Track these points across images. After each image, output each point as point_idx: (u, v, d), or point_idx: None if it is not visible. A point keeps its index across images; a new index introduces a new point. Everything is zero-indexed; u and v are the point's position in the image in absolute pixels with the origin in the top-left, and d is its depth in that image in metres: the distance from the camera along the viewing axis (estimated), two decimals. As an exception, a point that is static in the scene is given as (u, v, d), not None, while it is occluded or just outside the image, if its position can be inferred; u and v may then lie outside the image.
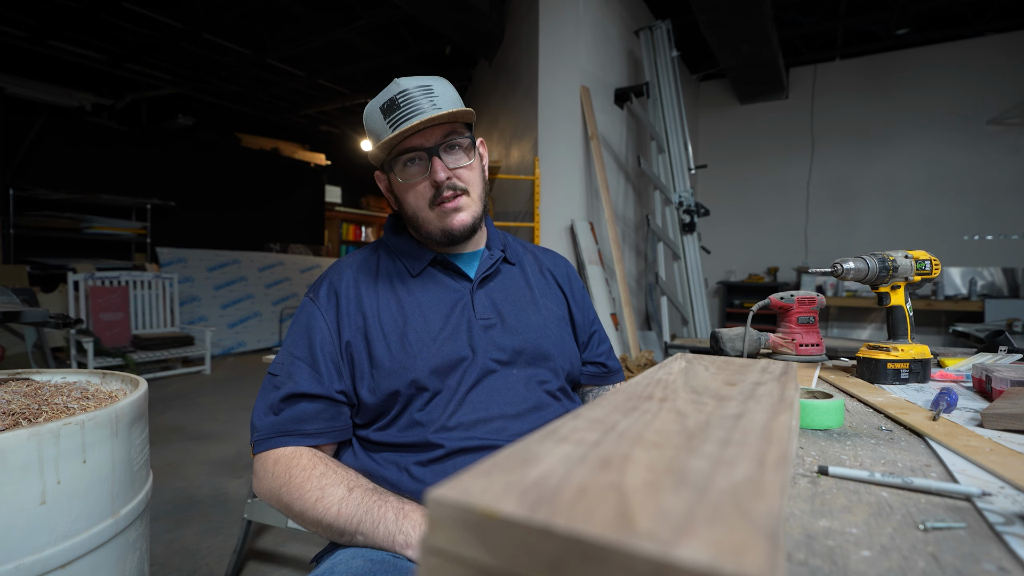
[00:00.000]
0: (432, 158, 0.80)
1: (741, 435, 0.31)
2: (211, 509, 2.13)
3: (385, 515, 0.68)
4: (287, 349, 0.82)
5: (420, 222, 0.84)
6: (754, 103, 6.31)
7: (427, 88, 0.80)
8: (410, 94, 0.79)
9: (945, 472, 0.50)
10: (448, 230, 0.83)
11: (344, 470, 0.75)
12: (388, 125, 0.79)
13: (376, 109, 0.81)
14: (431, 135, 0.80)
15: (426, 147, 0.80)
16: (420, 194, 0.82)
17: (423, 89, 0.80)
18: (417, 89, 0.79)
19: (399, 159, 0.81)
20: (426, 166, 0.81)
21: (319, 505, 0.70)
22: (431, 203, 0.82)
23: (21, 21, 4.87)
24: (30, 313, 1.41)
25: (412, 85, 0.80)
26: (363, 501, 0.69)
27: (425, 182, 0.82)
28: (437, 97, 0.80)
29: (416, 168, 0.82)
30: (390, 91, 0.80)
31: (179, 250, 5.70)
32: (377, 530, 0.67)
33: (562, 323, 0.92)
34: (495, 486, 0.23)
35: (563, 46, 3.85)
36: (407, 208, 0.85)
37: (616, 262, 3.79)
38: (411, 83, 0.80)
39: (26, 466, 0.77)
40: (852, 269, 0.91)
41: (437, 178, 0.80)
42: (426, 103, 0.79)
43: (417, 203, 0.83)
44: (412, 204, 0.84)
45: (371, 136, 0.84)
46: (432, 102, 0.79)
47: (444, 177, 0.80)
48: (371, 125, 0.83)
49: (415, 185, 0.82)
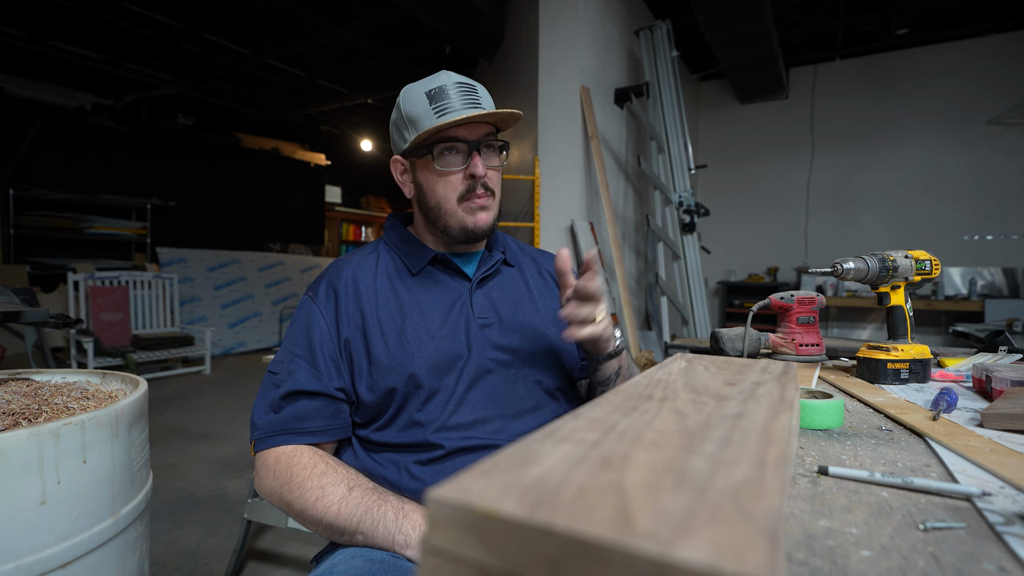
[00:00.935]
0: (473, 152, 0.81)
1: (741, 435, 0.31)
2: (211, 509, 2.13)
3: (385, 515, 0.68)
4: (286, 347, 0.82)
5: (442, 214, 0.84)
6: (754, 103, 6.32)
7: (472, 87, 0.83)
8: (463, 87, 0.81)
9: (945, 472, 0.50)
10: (470, 227, 0.83)
11: (345, 469, 0.75)
12: (434, 111, 0.79)
13: (421, 93, 0.81)
14: (477, 130, 0.82)
15: (469, 140, 0.81)
16: (452, 186, 0.83)
17: (471, 87, 0.82)
18: (467, 84, 0.82)
19: (439, 146, 0.81)
20: (464, 159, 0.82)
21: (319, 504, 0.70)
22: (461, 196, 0.83)
23: (21, 21, 4.87)
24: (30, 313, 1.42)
25: (462, 79, 0.82)
26: (363, 500, 0.69)
27: (459, 174, 0.82)
28: (481, 97, 0.82)
29: (455, 159, 0.82)
30: (438, 79, 0.81)
31: (179, 250, 5.70)
32: (376, 530, 0.67)
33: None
34: (495, 486, 0.23)
35: (563, 46, 3.85)
36: (431, 198, 0.84)
37: (616, 262, 3.79)
38: (459, 78, 0.82)
39: (26, 466, 0.77)
40: (852, 269, 0.91)
41: (477, 171, 0.81)
42: (474, 99, 0.81)
43: (446, 194, 0.83)
44: (439, 194, 0.83)
45: (407, 119, 0.83)
46: (478, 100, 0.81)
47: (483, 172, 0.81)
48: (411, 108, 0.82)
49: (450, 175, 0.82)
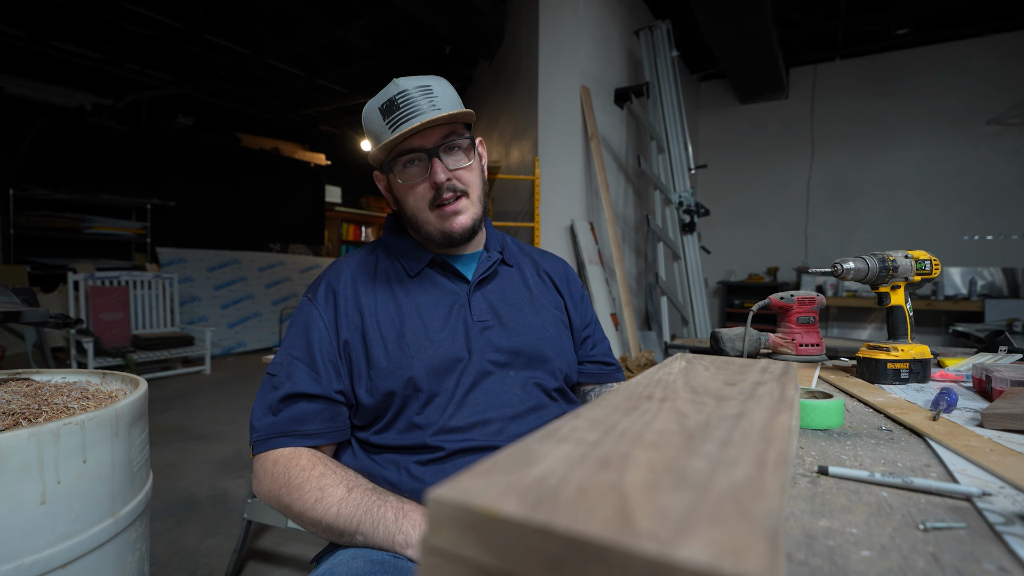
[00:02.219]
0: (432, 159, 0.80)
1: (741, 435, 0.31)
2: (211, 509, 2.13)
3: (385, 515, 0.67)
4: (285, 349, 0.82)
5: (420, 223, 0.84)
6: (754, 103, 6.32)
7: (426, 88, 0.80)
8: (409, 94, 0.78)
9: (945, 472, 0.50)
10: (448, 232, 0.83)
11: (344, 470, 0.75)
12: (387, 126, 0.79)
13: (375, 109, 0.80)
14: (431, 136, 0.80)
15: (426, 148, 0.79)
16: (420, 195, 0.82)
17: (422, 89, 0.79)
18: (416, 89, 0.79)
19: (399, 160, 0.81)
20: (426, 167, 0.81)
21: (319, 506, 0.70)
22: (431, 204, 0.82)
23: (21, 21, 4.87)
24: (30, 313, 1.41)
25: (411, 85, 0.79)
26: (363, 501, 0.69)
27: (425, 183, 0.81)
28: (436, 97, 0.79)
29: (416, 169, 0.81)
30: (389, 91, 0.80)
31: (179, 250, 5.69)
32: (377, 530, 0.67)
33: (560, 325, 0.91)
34: (495, 486, 0.23)
35: (563, 46, 3.85)
36: (407, 209, 0.85)
37: (616, 262, 3.79)
38: (410, 83, 0.79)
39: (26, 466, 0.76)
40: (852, 269, 0.91)
41: (437, 179, 0.80)
42: (425, 104, 0.78)
43: (417, 204, 0.83)
44: (412, 205, 0.83)
45: (370, 136, 0.83)
46: (431, 103, 0.79)
47: (444, 178, 0.80)
48: (370, 125, 0.82)
49: (415, 186, 0.82)
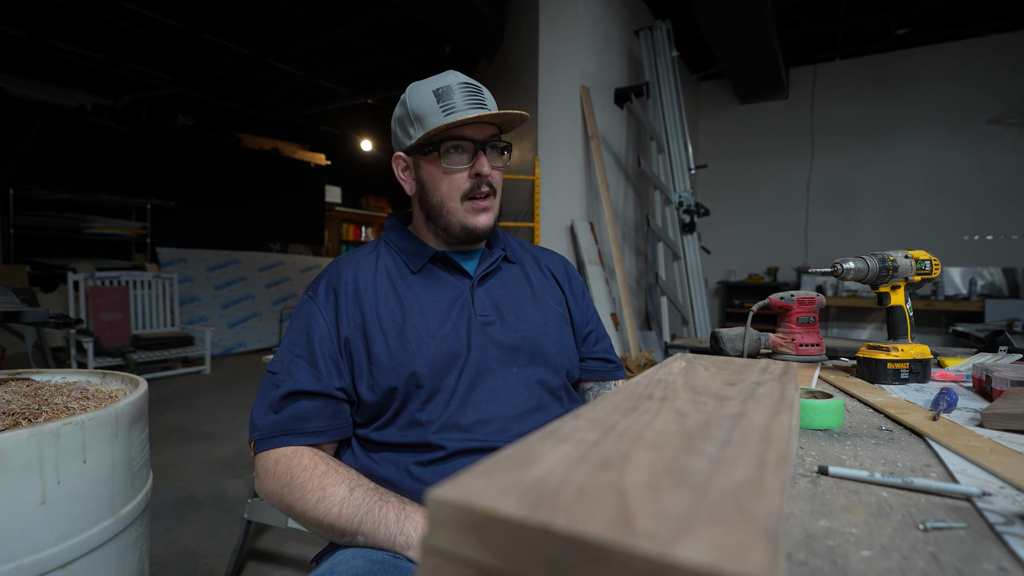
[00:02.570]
0: (479, 151, 0.82)
1: (741, 435, 0.31)
2: (211, 509, 2.13)
3: (386, 516, 0.67)
4: (286, 347, 0.82)
5: (444, 212, 0.85)
6: (754, 103, 6.31)
7: (479, 88, 0.84)
8: (470, 86, 0.82)
9: (945, 472, 0.50)
10: (471, 227, 0.84)
11: (346, 470, 0.75)
12: (441, 109, 0.80)
13: (428, 91, 0.81)
14: (483, 130, 0.83)
15: (476, 139, 0.82)
16: (456, 184, 0.83)
17: (477, 87, 0.84)
18: (473, 85, 0.83)
19: (445, 144, 0.81)
20: (470, 158, 0.82)
21: (320, 505, 0.70)
22: (465, 195, 0.83)
23: (21, 21, 4.86)
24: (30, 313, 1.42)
25: (468, 80, 0.83)
26: (364, 501, 0.69)
27: (465, 172, 0.83)
28: (486, 99, 0.84)
29: (461, 157, 0.82)
30: (446, 78, 0.82)
31: (179, 250, 5.69)
32: (378, 531, 0.67)
33: (561, 321, 0.91)
34: (495, 486, 0.23)
35: (563, 46, 3.85)
36: (433, 195, 0.85)
37: (616, 262, 3.79)
38: (466, 78, 0.84)
39: (26, 466, 0.76)
40: (852, 269, 0.91)
41: (483, 170, 0.82)
42: (481, 100, 0.82)
43: (449, 192, 0.84)
44: (443, 192, 0.84)
45: (413, 117, 0.83)
46: (483, 101, 0.83)
47: (488, 171, 0.82)
48: (418, 105, 0.82)
49: (454, 174, 0.83)
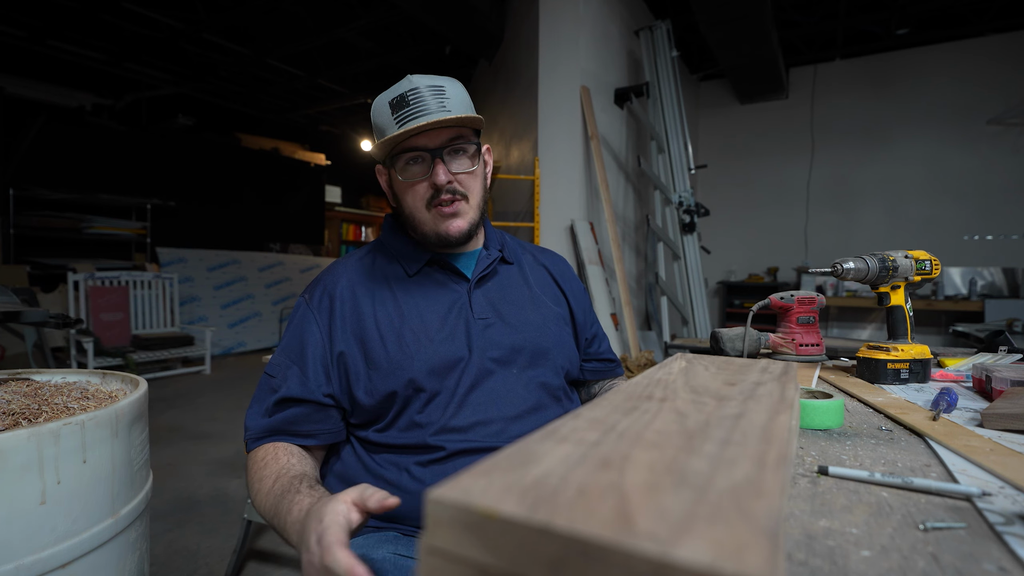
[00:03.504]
0: (435, 160, 0.80)
1: (741, 435, 0.31)
2: (211, 509, 2.13)
3: (291, 508, 0.63)
4: (283, 351, 0.82)
5: (416, 222, 0.84)
6: (754, 103, 6.31)
7: (439, 88, 0.79)
8: (420, 93, 0.78)
9: (945, 472, 0.50)
10: (442, 234, 0.83)
11: (287, 458, 0.73)
12: (395, 121, 0.78)
13: (385, 103, 0.80)
14: (437, 136, 0.80)
15: (430, 148, 0.79)
16: (419, 194, 0.82)
17: (434, 89, 0.79)
18: (428, 88, 0.78)
19: (402, 157, 0.81)
20: (428, 167, 0.81)
21: (258, 497, 0.71)
22: (428, 204, 0.82)
23: (21, 21, 4.86)
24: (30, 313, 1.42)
25: (424, 84, 0.79)
26: (278, 494, 0.67)
27: (425, 183, 0.81)
28: (448, 99, 0.79)
29: (418, 168, 0.81)
30: (401, 87, 0.79)
31: (179, 250, 5.69)
32: (285, 523, 0.63)
33: (561, 321, 0.91)
34: (495, 486, 0.23)
35: (563, 46, 3.85)
36: (404, 207, 0.85)
37: (616, 262, 3.79)
38: (423, 81, 0.79)
39: (26, 466, 0.76)
40: (852, 269, 0.91)
41: (437, 181, 0.79)
42: (435, 104, 0.78)
43: (415, 203, 0.83)
44: (410, 203, 0.83)
45: (376, 130, 0.83)
46: (441, 103, 0.78)
47: (444, 180, 0.79)
48: (378, 119, 0.82)
49: (415, 185, 0.82)
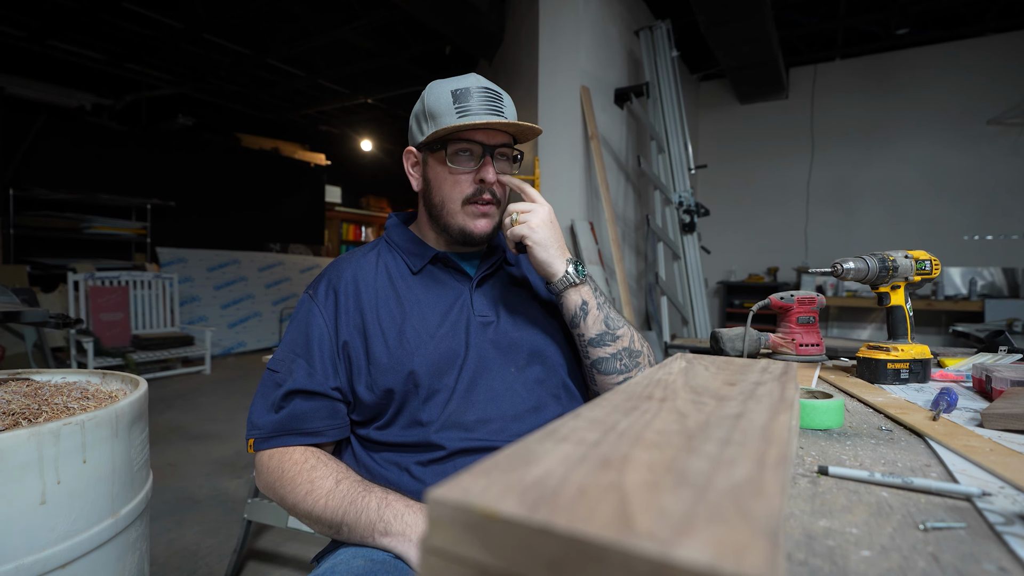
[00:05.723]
0: (486, 156, 0.81)
1: (741, 435, 0.31)
2: (211, 509, 2.13)
3: (368, 505, 0.69)
4: (287, 345, 0.83)
5: (445, 213, 0.85)
6: (754, 103, 6.31)
7: (500, 94, 0.83)
8: (489, 91, 0.82)
9: (945, 472, 0.50)
10: (469, 231, 0.84)
11: (335, 463, 0.76)
12: (456, 110, 0.80)
13: (447, 91, 0.81)
14: (495, 136, 0.82)
15: (486, 144, 0.81)
16: (460, 187, 0.83)
17: (497, 94, 0.83)
18: (493, 91, 0.83)
19: (454, 145, 0.81)
20: (477, 162, 0.82)
21: (308, 498, 0.71)
22: (467, 199, 0.83)
23: (21, 21, 4.86)
24: (30, 313, 1.42)
25: (489, 85, 0.83)
26: (348, 492, 0.70)
27: (469, 176, 0.82)
28: (505, 107, 0.83)
29: (468, 161, 0.82)
30: (467, 80, 0.82)
31: (179, 250, 5.69)
32: (359, 519, 0.68)
33: (562, 321, 0.91)
34: (495, 486, 0.23)
35: (563, 46, 3.85)
36: (436, 195, 0.85)
37: (616, 262, 3.79)
38: (487, 83, 0.83)
39: (26, 466, 0.76)
40: (852, 269, 0.91)
41: (487, 177, 0.81)
42: (499, 106, 0.82)
43: (452, 193, 0.83)
44: (445, 192, 0.84)
45: (428, 114, 0.83)
46: (502, 108, 0.82)
47: (493, 179, 0.82)
48: (434, 103, 0.82)
49: (459, 175, 0.83)
